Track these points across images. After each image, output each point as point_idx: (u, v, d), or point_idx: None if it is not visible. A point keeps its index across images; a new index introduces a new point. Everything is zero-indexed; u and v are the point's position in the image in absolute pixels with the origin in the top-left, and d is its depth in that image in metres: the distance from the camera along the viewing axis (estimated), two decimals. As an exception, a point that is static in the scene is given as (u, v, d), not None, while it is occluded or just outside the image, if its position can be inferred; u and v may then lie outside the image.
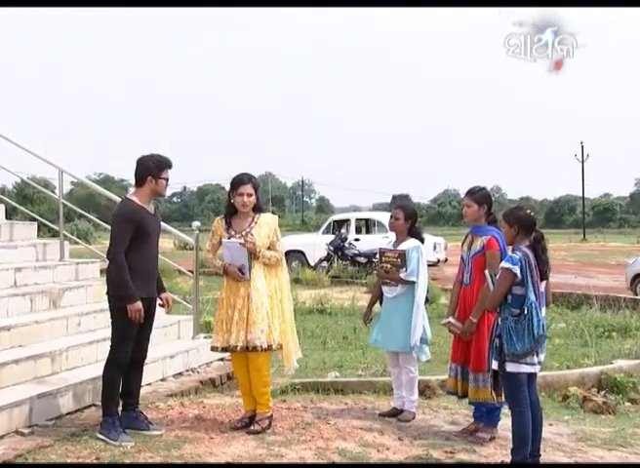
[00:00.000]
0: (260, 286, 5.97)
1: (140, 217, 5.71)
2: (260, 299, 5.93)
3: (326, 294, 15.00)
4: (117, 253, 5.62)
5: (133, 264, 5.64)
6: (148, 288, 5.79)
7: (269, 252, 6.07)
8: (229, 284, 6.05)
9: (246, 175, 6.11)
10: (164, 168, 5.82)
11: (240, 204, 6.03)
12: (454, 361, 6.17)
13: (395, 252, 6.54)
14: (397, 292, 6.52)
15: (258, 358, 5.98)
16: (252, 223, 6.09)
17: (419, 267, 6.44)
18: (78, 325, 7.43)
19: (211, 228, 6.23)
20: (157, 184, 5.80)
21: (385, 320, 6.61)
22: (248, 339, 5.89)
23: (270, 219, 6.17)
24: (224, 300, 6.05)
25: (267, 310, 5.95)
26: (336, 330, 11.78)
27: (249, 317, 5.90)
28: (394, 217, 6.62)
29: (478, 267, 5.95)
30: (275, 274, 6.11)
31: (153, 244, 5.86)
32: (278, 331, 5.98)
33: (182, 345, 8.13)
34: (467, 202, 6.13)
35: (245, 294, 5.95)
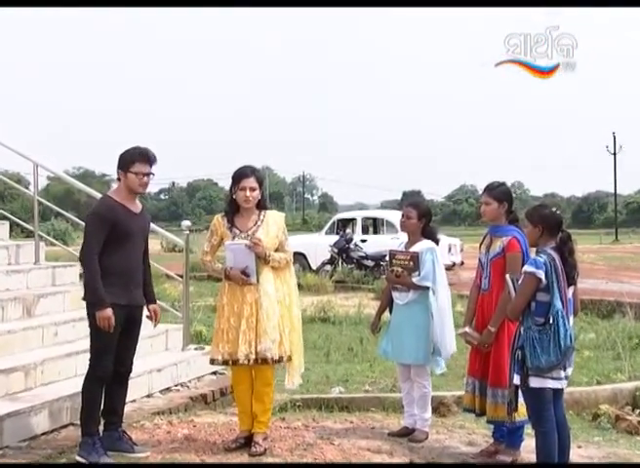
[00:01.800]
0: (271, 291, 5.97)
1: (117, 216, 5.70)
2: (272, 306, 5.94)
3: (329, 301, 14.98)
4: (89, 255, 5.63)
5: (110, 267, 5.64)
6: (130, 294, 5.78)
7: (279, 254, 6.08)
8: (232, 289, 6.04)
9: (249, 168, 6.10)
10: (134, 160, 5.77)
11: (242, 199, 6.02)
12: (471, 375, 6.16)
13: (407, 254, 6.53)
14: (409, 298, 6.52)
15: (267, 371, 6.00)
16: (258, 222, 6.09)
17: (433, 271, 6.44)
18: (55, 335, 7.43)
19: (210, 227, 6.22)
20: (127, 179, 5.79)
21: (396, 329, 6.60)
22: (258, 350, 5.89)
23: (278, 217, 6.18)
24: (226, 307, 6.04)
25: (279, 318, 5.96)
26: (340, 340, 11.77)
27: (258, 326, 5.91)
28: (406, 216, 6.62)
29: (498, 271, 5.94)
30: (284, 278, 6.12)
31: (136, 245, 5.84)
32: (289, 342, 6.00)
33: (171, 357, 8.14)
34: (486, 199, 6.12)
35: (253, 301, 5.95)
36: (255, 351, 5.89)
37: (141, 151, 5.83)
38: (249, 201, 6.02)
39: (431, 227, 6.70)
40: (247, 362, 5.91)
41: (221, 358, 6.01)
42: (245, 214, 6.10)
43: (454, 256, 22.57)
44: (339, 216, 24.98)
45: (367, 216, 24.96)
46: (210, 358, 6.15)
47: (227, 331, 6.00)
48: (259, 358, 5.90)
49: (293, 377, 6.13)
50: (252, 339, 5.90)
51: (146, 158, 5.81)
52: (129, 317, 5.79)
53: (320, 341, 11.57)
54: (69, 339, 7.46)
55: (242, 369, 6.02)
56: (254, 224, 6.08)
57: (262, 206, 6.15)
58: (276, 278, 6.05)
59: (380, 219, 24.26)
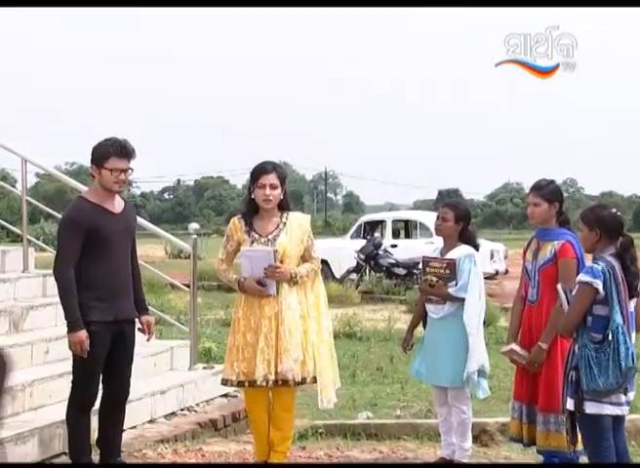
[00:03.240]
0: (294, 303, 5.98)
1: (93, 219, 5.64)
2: (294, 321, 5.94)
3: (355, 314, 14.95)
4: (61, 268, 5.64)
5: (92, 279, 5.64)
6: (116, 308, 5.75)
7: (305, 267, 6.07)
8: (249, 301, 6.03)
9: (269, 163, 6.11)
10: (109, 155, 5.67)
11: (262, 198, 6.00)
12: (518, 399, 6.12)
13: (442, 261, 6.51)
14: (445, 311, 6.49)
15: (288, 394, 6.00)
16: (279, 225, 6.07)
17: (471, 280, 6.41)
18: (46, 353, 7.45)
19: (226, 231, 6.23)
20: (101, 176, 5.72)
21: (430, 347, 6.58)
22: (278, 371, 5.88)
23: (302, 220, 6.17)
24: (242, 321, 6.03)
25: (302, 334, 5.95)
26: (368, 358, 11.74)
27: (279, 343, 5.90)
28: (441, 218, 6.60)
29: (548, 281, 5.90)
30: (311, 287, 6.13)
31: (120, 250, 5.78)
32: (313, 361, 5.98)
33: (176, 378, 8.14)
34: (534, 199, 6.08)
35: (272, 315, 5.94)
36: (274, 372, 5.88)
37: (117, 144, 5.71)
38: (269, 201, 5.99)
39: (470, 231, 6.68)
40: (265, 383, 5.91)
41: (236, 378, 6.01)
42: (265, 217, 6.08)
43: (496, 264, 22.49)
44: (365, 218, 24.96)
45: (398, 218, 24.92)
46: (222, 378, 6.15)
47: (243, 349, 5.99)
48: (279, 379, 5.89)
49: (327, 395, 6.07)
50: (271, 358, 5.90)
51: (123, 152, 5.71)
52: (118, 334, 5.77)
53: (345, 360, 11.52)
54: (62, 358, 7.45)
55: (258, 391, 6.02)
56: (275, 228, 6.06)
57: (285, 207, 6.13)
58: (300, 289, 6.04)
59: (412, 222, 24.23)
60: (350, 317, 14.51)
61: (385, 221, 23.88)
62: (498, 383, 9.58)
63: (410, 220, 24.48)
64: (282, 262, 6.00)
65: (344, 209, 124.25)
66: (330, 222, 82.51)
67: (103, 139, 5.77)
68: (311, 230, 6.23)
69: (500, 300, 17.48)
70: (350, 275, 21.48)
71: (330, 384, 6.09)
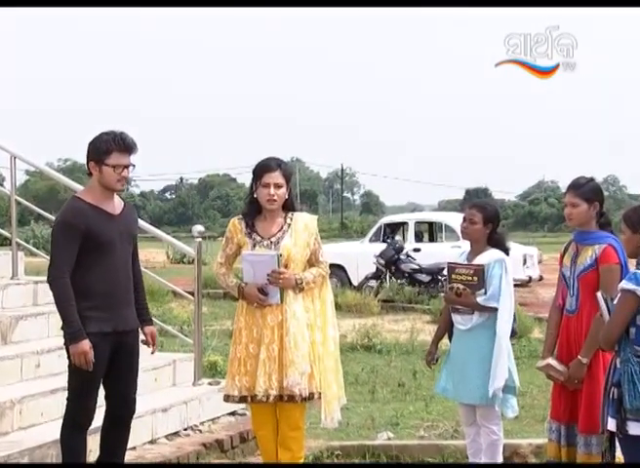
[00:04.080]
0: (300, 312, 5.97)
1: (89, 221, 5.63)
2: (301, 331, 5.93)
3: (375, 325, 14.93)
4: (56, 275, 5.62)
5: (90, 286, 5.64)
6: (116, 318, 5.74)
7: (312, 272, 6.06)
8: (250, 309, 6.04)
9: (273, 160, 6.11)
10: (110, 150, 5.66)
11: (265, 198, 6.01)
12: (555, 418, 6.10)
13: (470, 267, 6.51)
14: (473, 322, 6.49)
15: (294, 411, 5.98)
16: (284, 226, 6.08)
17: (502, 288, 6.40)
18: (37, 366, 7.47)
19: (225, 233, 6.23)
20: (101, 173, 5.70)
21: (457, 361, 6.58)
22: (283, 386, 5.88)
23: (309, 221, 6.16)
24: (243, 332, 6.04)
25: (309, 345, 5.95)
26: (388, 373, 11.73)
27: (283, 355, 5.90)
28: (469, 220, 6.59)
29: (587, 288, 5.89)
30: (318, 294, 6.12)
31: (120, 255, 5.77)
32: (323, 371, 5.99)
33: (179, 394, 8.15)
34: (571, 199, 6.06)
35: (276, 324, 5.95)
36: (278, 386, 5.88)
37: (118, 137, 5.69)
38: (273, 201, 6.01)
39: (500, 234, 6.67)
40: (265, 398, 5.92)
41: (238, 393, 6.02)
42: (268, 217, 6.09)
43: (530, 270, 22.39)
44: (386, 220, 24.93)
45: (421, 220, 24.89)
46: (224, 394, 6.15)
47: (245, 361, 6.01)
48: (284, 394, 5.89)
49: (331, 412, 6.07)
50: (272, 371, 5.90)
51: (125, 146, 5.70)
52: (119, 345, 5.76)
53: (363, 375, 11.52)
54: (54, 372, 7.48)
55: (264, 408, 6.02)
56: (279, 230, 6.07)
57: (290, 207, 6.15)
58: (306, 296, 6.04)
59: (436, 224, 24.18)
60: (369, 328, 14.48)
61: (407, 223, 23.83)
62: (532, 401, 9.56)
63: (434, 222, 24.43)
64: (286, 267, 6.00)
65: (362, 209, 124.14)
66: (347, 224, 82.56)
67: (101, 133, 5.74)
68: (319, 232, 6.22)
69: (533, 310, 17.43)
70: (369, 282, 21.45)
71: (334, 400, 6.09)
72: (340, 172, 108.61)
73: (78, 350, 5.56)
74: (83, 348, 5.55)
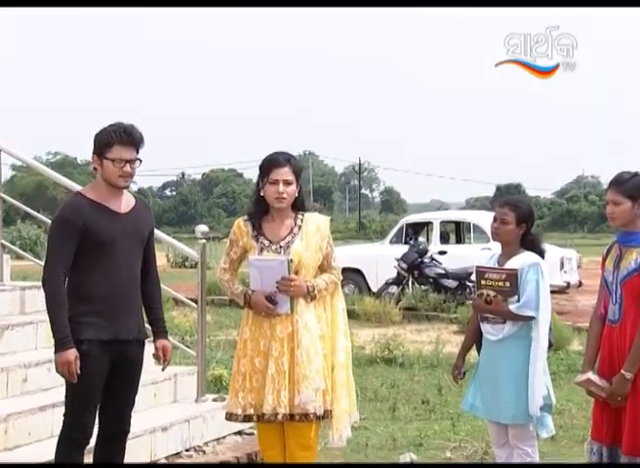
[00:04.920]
0: (312, 322, 5.97)
1: (89, 219, 5.65)
2: (314, 343, 5.94)
3: (396, 336, 14.92)
4: (50, 275, 5.65)
5: (86, 292, 5.66)
6: (116, 326, 5.74)
7: (324, 278, 6.07)
8: (257, 319, 6.05)
9: (282, 155, 6.11)
10: (111, 143, 5.68)
11: (273, 196, 6.01)
12: (597, 439, 6.08)
13: (501, 272, 6.51)
14: (505, 332, 6.49)
15: (307, 430, 5.98)
16: (294, 228, 6.08)
17: (538, 295, 6.40)
18: (24, 381, 7.49)
19: (229, 235, 6.23)
20: (102, 168, 5.74)
21: (487, 376, 6.58)
22: (295, 404, 5.88)
23: (321, 222, 6.17)
24: (248, 344, 6.05)
25: (322, 358, 5.96)
26: (411, 389, 11.73)
27: (295, 370, 5.90)
28: (500, 220, 6.59)
29: (631, 295, 5.87)
30: (330, 302, 6.13)
31: (125, 257, 5.78)
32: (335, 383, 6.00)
33: (181, 412, 8.17)
34: (614, 197, 6.04)
35: (286, 336, 5.95)
36: (287, 404, 5.89)
37: (121, 129, 5.71)
38: (282, 199, 6.01)
39: (534, 235, 6.67)
40: (274, 417, 5.92)
41: (242, 412, 6.02)
42: (277, 218, 6.10)
43: (568, 275, 22.34)
44: (408, 220, 24.91)
45: (447, 220, 24.85)
46: (226, 412, 6.16)
47: (250, 376, 6.01)
48: (295, 412, 5.89)
49: (340, 429, 6.06)
50: (281, 388, 5.90)
51: (128, 139, 5.71)
52: (118, 357, 5.76)
53: (383, 390, 11.53)
54: (44, 387, 7.51)
55: (271, 427, 6.02)
56: (288, 232, 6.08)
57: (300, 206, 6.15)
58: (319, 304, 6.06)
59: (464, 224, 24.14)
60: (390, 339, 14.48)
61: (432, 223, 23.79)
62: (570, 421, 9.54)
63: (461, 222, 24.39)
64: (297, 273, 6.01)
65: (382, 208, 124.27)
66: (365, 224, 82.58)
67: (107, 125, 5.77)
68: (334, 233, 6.24)
69: (572, 319, 17.37)
70: (390, 288, 21.43)
71: (344, 416, 6.07)
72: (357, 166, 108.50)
73: (62, 359, 5.57)
74: (67, 358, 5.56)
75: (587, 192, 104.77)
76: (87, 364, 5.62)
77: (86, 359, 5.62)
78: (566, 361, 12.75)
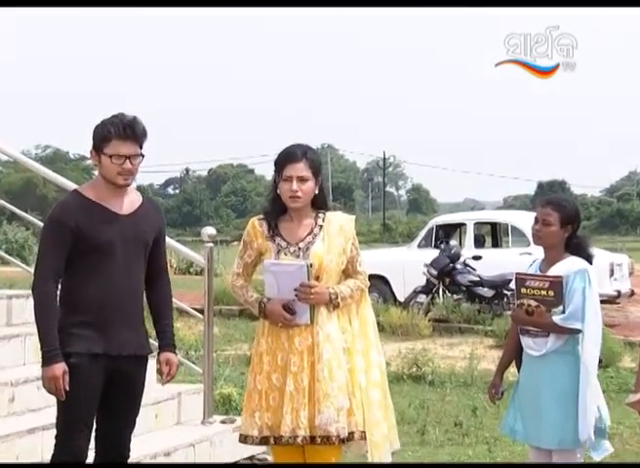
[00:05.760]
0: (334, 333, 5.95)
1: (83, 219, 5.65)
2: (336, 356, 5.92)
3: (425, 350, 14.94)
4: (40, 280, 5.66)
5: (79, 300, 5.67)
6: (111, 338, 5.72)
7: (349, 284, 6.06)
8: (274, 331, 6.03)
9: (299, 148, 6.10)
10: (109, 137, 5.66)
11: (287, 194, 6.00)
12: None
13: (544, 279, 6.49)
14: (548, 347, 6.48)
15: (328, 454, 5.97)
16: (314, 229, 6.07)
17: (585, 305, 6.39)
18: (10, 400, 7.51)
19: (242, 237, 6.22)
20: (100, 164, 5.73)
21: (528, 395, 6.57)
22: (315, 424, 5.87)
23: (345, 222, 6.14)
24: (264, 358, 6.04)
25: (346, 373, 5.94)
26: (442, 410, 11.73)
27: (315, 387, 5.88)
28: (542, 221, 6.57)
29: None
30: (356, 312, 6.11)
31: (122, 264, 5.76)
32: (362, 410, 5.95)
33: (186, 435, 8.20)
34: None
35: (305, 348, 5.93)
36: (308, 425, 5.87)
37: (121, 122, 5.70)
38: (296, 197, 5.99)
39: (581, 238, 6.65)
40: (292, 440, 5.90)
41: (258, 434, 6.00)
42: (295, 218, 6.09)
43: (618, 283, 22.28)
44: (438, 221, 24.89)
45: (482, 221, 24.84)
46: (240, 434, 6.15)
47: (267, 394, 5.99)
48: (317, 435, 5.87)
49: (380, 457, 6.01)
50: (301, 407, 5.88)
51: (128, 132, 5.69)
52: (114, 373, 5.75)
53: (411, 412, 11.53)
54: (32, 407, 7.53)
55: (288, 450, 6.01)
56: (308, 233, 6.06)
57: (322, 205, 6.14)
58: (342, 314, 6.04)
59: (501, 225, 24.10)
60: (418, 354, 14.49)
61: (465, 225, 23.76)
62: (622, 446, 9.52)
63: (498, 223, 24.35)
64: (318, 279, 5.99)
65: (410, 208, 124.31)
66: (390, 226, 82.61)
67: (107, 118, 5.76)
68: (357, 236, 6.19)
69: (623, 332, 17.32)
70: (418, 297, 21.42)
71: (383, 442, 6.06)
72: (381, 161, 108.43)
73: (48, 374, 5.57)
74: (54, 372, 5.56)
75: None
76: (76, 379, 5.61)
77: (75, 373, 5.60)
78: (616, 379, 12.73)
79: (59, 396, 5.61)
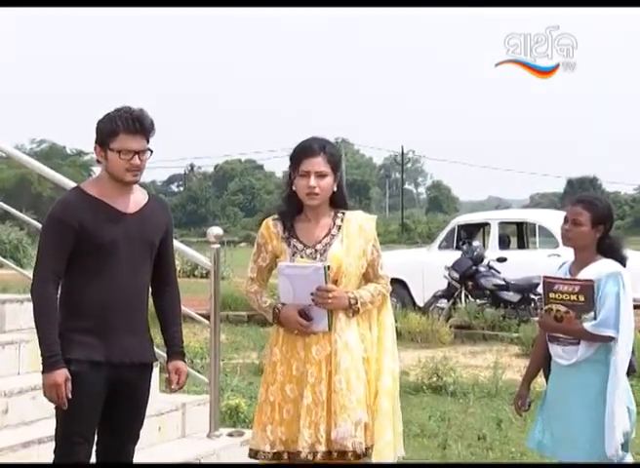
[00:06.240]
0: (353, 342, 5.95)
1: (85, 218, 5.65)
2: (355, 367, 5.92)
3: (446, 359, 14.91)
4: (40, 282, 5.67)
5: (80, 304, 5.67)
6: (114, 345, 5.72)
7: (369, 289, 6.06)
8: (289, 339, 6.04)
9: (316, 141, 6.09)
10: (117, 130, 5.67)
11: (304, 192, 5.99)
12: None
13: (574, 283, 6.49)
14: (578, 355, 6.47)
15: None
16: (332, 229, 6.07)
17: (618, 311, 6.38)
18: (4, 412, 7.52)
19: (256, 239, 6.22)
20: (106, 160, 5.73)
21: (557, 407, 6.57)
22: (332, 438, 5.86)
23: (365, 222, 6.14)
24: (278, 368, 6.04)
25: (365, 385, 5.94)
26: (465, 423, 11.71)
27: (332, 397, 5.88)
28: (572, 221, 6.57)
29: None
30: (376, 318, 6.12)
31: (127, 266, 5.76)
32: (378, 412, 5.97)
33: (191, 449, 8.21)
34: None
35: (322, 358, 5.93)
36: (326, 439, 5.87)
37: (129, 115, 5.71)
38: (314, 195, 5.99)
39: (613, 238, 6.65)
40: (312, 456, 5.89)
41: (271, 449, 5.99)
42: (312, 218, 6.09)
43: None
44: (461, 220, 24.88)
45: (507, 220, 24.82)
46: (250, 448, 6.15)
47: (280, 406, 6.00)
48: (333, 449, 5.87)
49: None
50: (319, 420, 5.88)
51: (137, 126, 5.71)
52: (117, 382, 5.75)
53: (432, 425, 11.52)
54: (27, 420, 7.54)
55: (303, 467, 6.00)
56: (326, 234, 6.06)
57: (340, 203, 6.14)
58: (363, 320, 6.04)
59: (528, 225, 24.09)
60: (439, 362, 14.47)
61: (489, 225, 23.75)
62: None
63: (525, 223, 24.34)
64: (336, 283, 5.99)
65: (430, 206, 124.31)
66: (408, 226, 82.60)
67: (112, 110, 5.77)
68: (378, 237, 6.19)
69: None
70: (439, 302, 21.42)
71: (387, 451, 6.04)
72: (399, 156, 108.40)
73: (49, 381, 5.56)
74: (55, 379, 5.55)
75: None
76: (77, 387, 5.60)
77: (76, 381, 5.60)
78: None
79: (61, 404, 5.59)
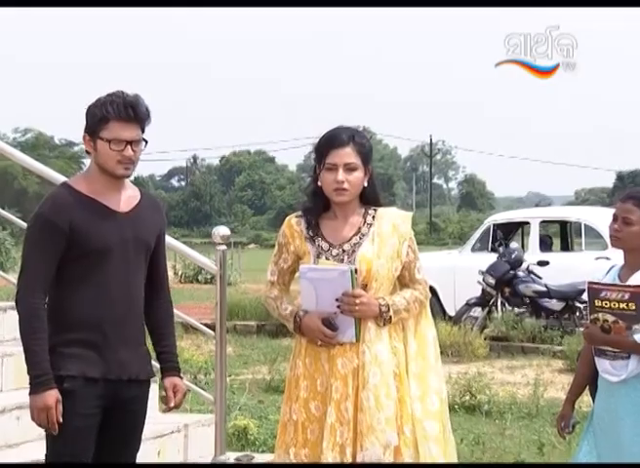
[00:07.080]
0: (385, 356, 5.92)
1: (76, 218, 5.64)
2: (385, 383, 5.89)
3: (480, 374, 14.95)
4: (26, 292, 5.64)
5: (72, 314, 5.66)
6: (110, 360, 5.72)
7: (404, 295, 6.03)
8: (312, 351, 6.03)
9: (344, 131, 6.06)
10: (107, 118, 5.64)
11: (332, 187, 5.95)
12: None
13: (624, 289, 6.47)
14: (629, 371, 6.46)
15: None
16: (362, 228, 6.05)
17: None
18: (-13, 433, 7.55)
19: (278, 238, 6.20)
20: (96, 151, 5.71)
21: (606, 427, 6.57)
22: (358, 462, 5.85)
23: (400, 220, 6.10)
24: (302, 383, 6.03)
25: (396, 403, 5.92)
26: (501, 446, 11.73)
27: (359, 417, 5.87)
28: (622, 219, 6.57)
29: None
30: (414, 329, 6.08)
31: (121, 271, 5.75)
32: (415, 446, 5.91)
33: (193, 475, 8.21)
34: None
35: (349, 372, 5.91)
36: (353, 458, 5.87)
37: (121, 101, 5.68)
38: (343, 190, 5.94)
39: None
40: None
41: None
42: (339, 215, 6.06)
43: None
44: (496, 219, 24.89)
45: (549, 219, 24.85)
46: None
47: (304, 426, 5.99)
48: None
49: None
50: (346, 442, 5.87)
51: (130, 113, 5.68)
52: (112, 400, 5.76)
53: (464, 449, 11.52)
54: (11, 442, 7.57)
55: None
56: (355, 233, 6.03)
57: (372, 199, 6.10)
58: (395, 331, 6.02)
59: (573, 224, 24.10)
60: (472, 379, 14.51)
61: (529, 224, 23.76)
62: None
63: (569, 222, 24.36)
64: (366, 288, 5.95)
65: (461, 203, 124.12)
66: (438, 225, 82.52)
67: (103, 96, 5.74)
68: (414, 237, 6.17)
69: None
70: (472, 311, 21.44)
71: None
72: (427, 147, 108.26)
73: (39, 404, 5.53)
74: (45, 402, 5.52)
75: None
76: (71, 407, 5.59)
77: (70, 401, 5.58)
78: None
79: (51, 429, 5.57)
